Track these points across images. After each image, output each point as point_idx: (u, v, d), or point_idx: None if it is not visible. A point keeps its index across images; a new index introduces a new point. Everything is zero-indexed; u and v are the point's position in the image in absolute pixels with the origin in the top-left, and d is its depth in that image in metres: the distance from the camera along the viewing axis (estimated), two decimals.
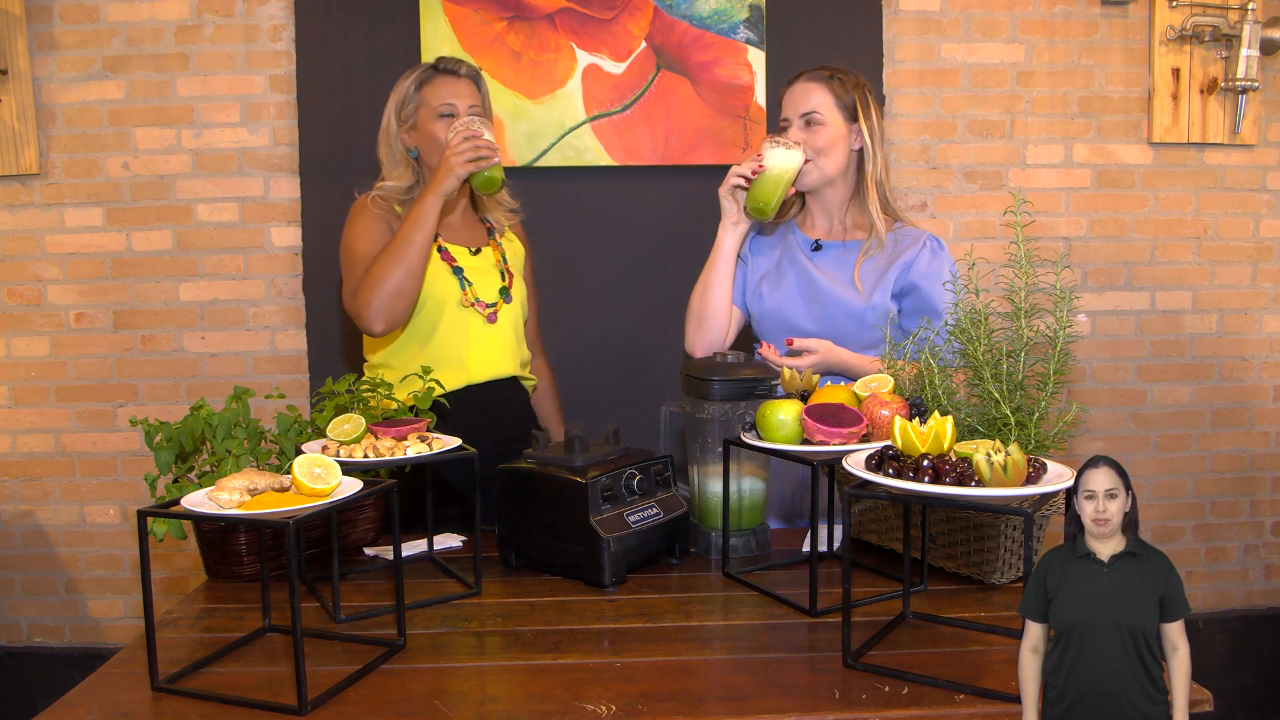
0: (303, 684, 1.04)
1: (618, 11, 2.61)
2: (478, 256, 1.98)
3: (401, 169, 1.96)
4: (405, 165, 1.96)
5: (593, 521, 1.42)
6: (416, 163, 1.97)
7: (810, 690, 1.08)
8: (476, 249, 1.99)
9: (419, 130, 1.93)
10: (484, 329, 1.94)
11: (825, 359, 1.74)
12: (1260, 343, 2.90)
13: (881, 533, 1.59)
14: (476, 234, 2.04)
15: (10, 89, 2.59)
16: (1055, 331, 1.34)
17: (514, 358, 2.01)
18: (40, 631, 2.79)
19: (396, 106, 1.95)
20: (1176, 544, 2.91)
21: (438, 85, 1.93)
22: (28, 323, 2.70)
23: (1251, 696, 2.93)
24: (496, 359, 1.97)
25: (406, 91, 1.94)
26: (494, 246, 2.03)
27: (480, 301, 1.94)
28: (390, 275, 1.78)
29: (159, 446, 1.48)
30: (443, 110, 1.91)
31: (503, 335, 1.97)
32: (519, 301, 2.02)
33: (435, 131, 1.90)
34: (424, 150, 1.94)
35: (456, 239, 1.98)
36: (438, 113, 1.91)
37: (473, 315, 1.93)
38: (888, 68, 2.73)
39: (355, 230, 1.91)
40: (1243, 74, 2.69)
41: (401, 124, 1.95)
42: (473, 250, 1.98)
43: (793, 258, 1.93)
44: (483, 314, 1.94)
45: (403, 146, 1.96)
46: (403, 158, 1.96)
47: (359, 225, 1.91)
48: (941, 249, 1.84)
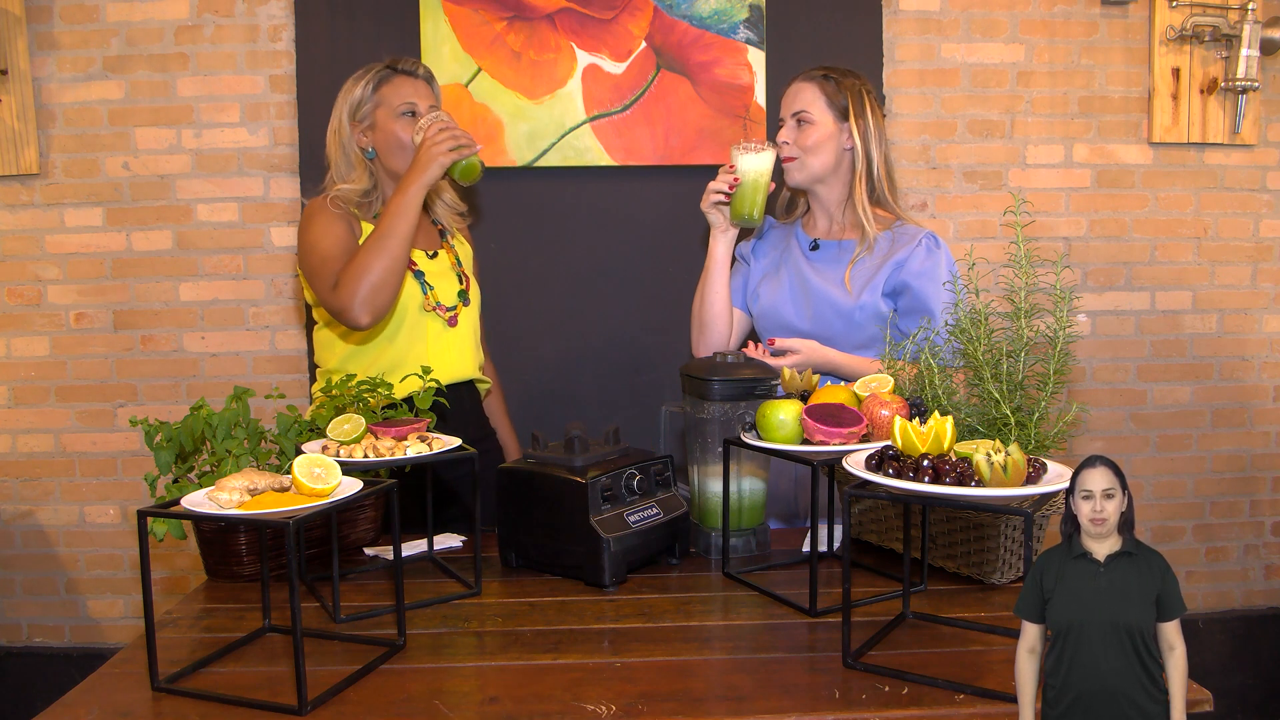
0: (303, 684, 1.04)
1: (618, 11, 2.61)
2: (435, 260, 1.97)
3: (358, 171, 1.92)
4: (361, 167, 1.92)
5: (593, 521, 1.42)
6: (372, 163, 1.93)
7: (810, 690, 1.08)
8: (433, 252, 1.98)
9: (378, 130, 1.90)
10: (444, 333, 1.93)
11: (809, 358, 1.74)
12: (1260, 343, 2.90)
13: (881, 533, 1.59)
14: (431, 237, 2.02)
15: (10, 89, 2.59)
16: (1055, 331, 1.34)
17: (473, 361, 2.00)
18: (40, 631, 2.79)
19: (351, 108, 1.91)
20: (1176, 544, 2.91)
21: (397, 85, 1.91)
22: (28, 323, 2.70)
23: (1251, 696, 2.93)
24: (456, 363, 1.95)
25: (363, 92, 1.90)
26: (447, 249, 2.02)
27: (441, 305, 1.92)
28: (373, 266, 1.74)
29: (159, 446, 1.48)
30: (403, 109, 1.88)
31: (462, 339, 1.96)
32: (475, 304, 2.02)
33: (398, 130, 1.88)
34: (384, 150, 1.90)
35: (414, 242, 1.94)
36: (399, 111, 1.88)
37: (433, 319, 1.92)
38: (888, 68, 2.73)
39: (317, 230, 1.85)
40: (1243, 74, 2.69)
41: (356, 124, 1.91)
42: (430, 254, 1.97)
43: (791, 258, 1.94)
44: (443, 318, 1.93)
45: (357, 148, 1.92)
46: (358, 159, 1.92)
47: (319, 224, 1.86)
48: (938, 247, 1.84)
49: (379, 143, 1.91)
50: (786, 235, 1.99)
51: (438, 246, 2.01)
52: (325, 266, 1.82)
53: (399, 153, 1.89)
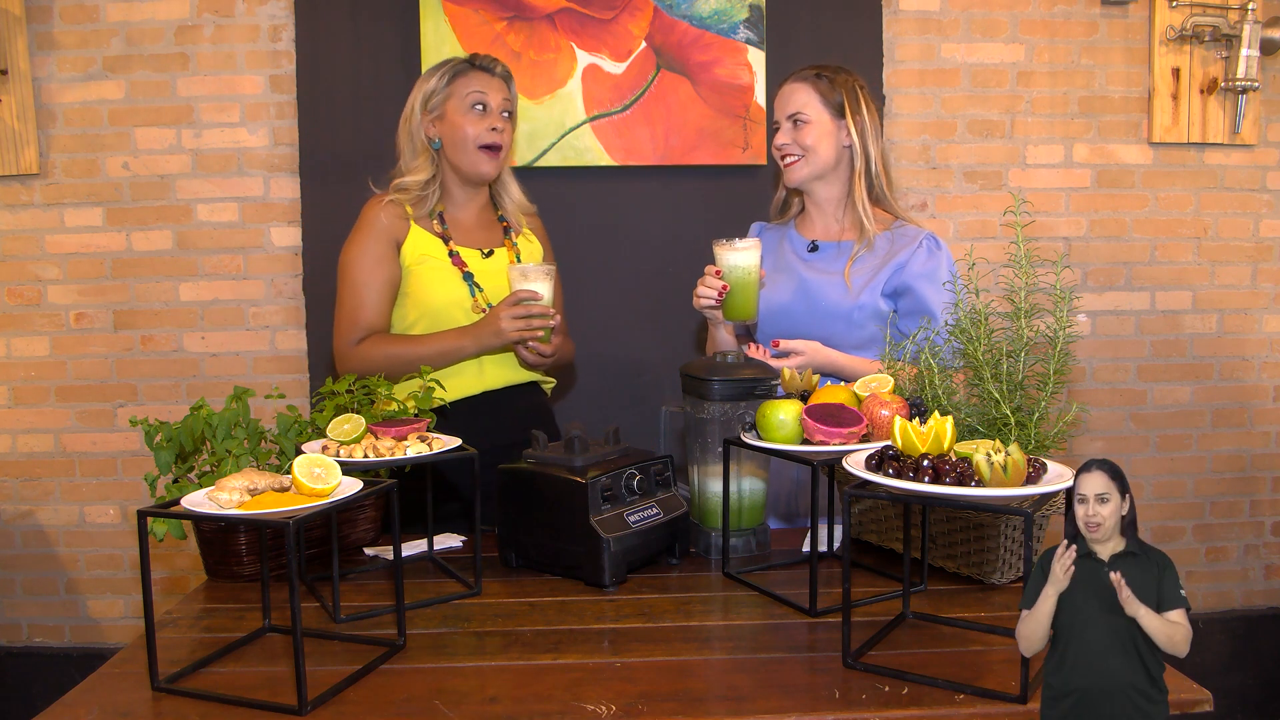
0: (303, 684, 1.04)
1: (618, 11, 2.61)
2: (490, 259, 1.97)
3: (421, 160, 1.94)
4: (425, 156, 1.94)
5: (593, 521, 1.42)
6: (437, 154, 1.95)
7: (810, 690, 1.08)
8: (489, 251, 1.98)
9: (446, 120, 1.92)
10: None
11: (812, 359, 1.74)
12: (1260, 343, 2.90)
13: (881, 533, 1.59)
14: (492, 234, 2.01)
15: (10, 89, 2.59)
16: (1055, 331, 1.34)
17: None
18: (40, 631, 2.79)
19: (424, 97, 1.93)
20: (1176, 544, 2.92)
21: (471, 79, 1.92)
22: (28, 323, 2.70)
23: (1251, 696, 2.93)
24: (512, 364, 1.95)
25: (437, 83, 1.93)
26: (509, 247, 2.01)
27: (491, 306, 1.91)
28: (385, 370, 1.79)
29: (159, 446, 1.48)
30: (473, 100, 1.90)
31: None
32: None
33: (464, 122, 1.90)
34: (448, 141, 1.92)
35: (469, 240, 1.97)
36: (469, 103, 1.90)
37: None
38: (888, 68, 2.73)
39: (355, 249, 1.90)
40: (1243, 74, 2.69)
41: (427, 114, 1.93)
42: (485, 253, 1.97)
43: (788, 260, 1.93)
44: None
45: (425, 136, 1.94)
46: (423, 147, 1.94)
47: (359, 243, 1.89)
48: (939, 248, 1.84)
49: (445, 133, 1.93)
50: (780, 238, 1.99)
51: (497, 245, 2.00)
52: (345, 297, 1.89)
53: (461, 145, 1.90)
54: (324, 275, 2.65)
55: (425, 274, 1.90)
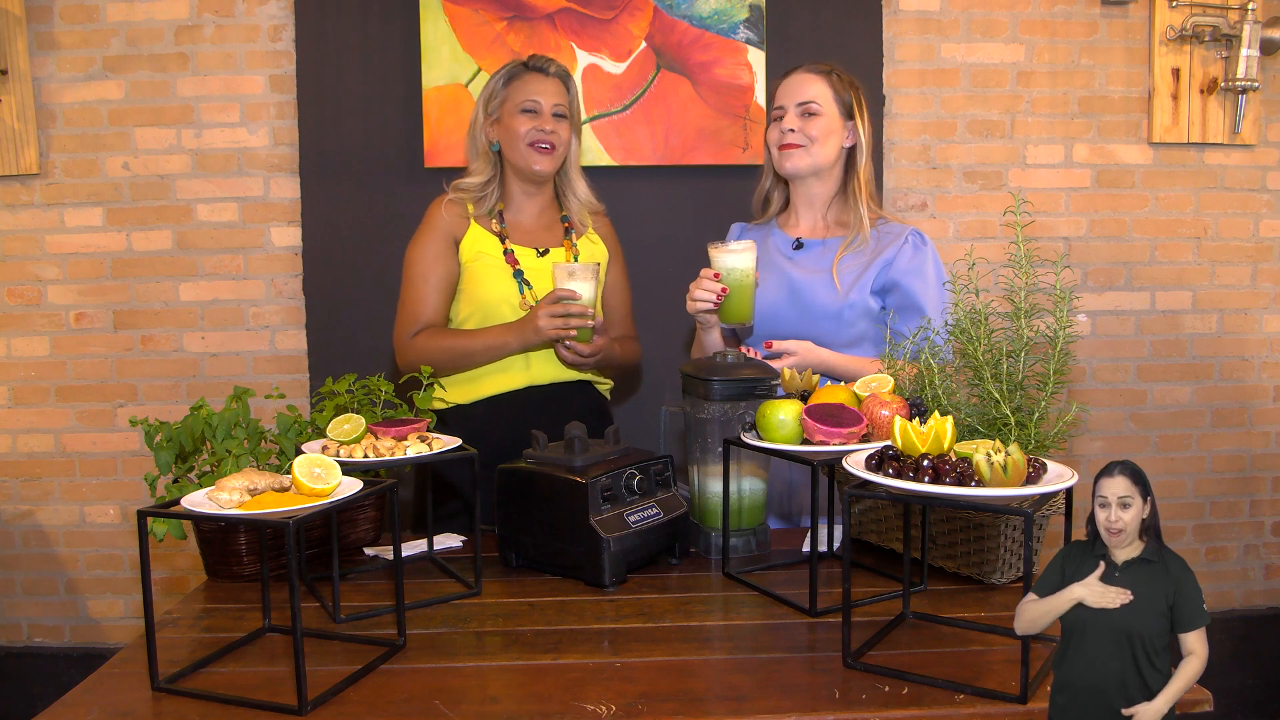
0: (303, 684, 1.04)
1: (618, 11, 2.61)
2: (544, 258, 1.98)
3: (481, 162, 1.99)
4: (485, 158, 1.99)
5: (593, 521, 1.42)
6: (497, 156, 1.99)
7: (810, 690, 1.08)
8: (544, 250, 1.99)
9: (501, 124, 1.96)
10: None
11: (804, 359, 1.74)
12: (1260, 343, 2.90)
13: (881, 533, 1.59)
14: (552, 233, 2.02)
15: (10, 89, 2.59)
16: (1055, 331, 1.34)
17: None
18: (40, 631, 2.79)
19: (484, 100, 1.99)
20: (1176, 544, 2.91)
21: (525, 81, 1.96)
22: (28, 323, 2.70)
23: (1251, 696, 2.93)
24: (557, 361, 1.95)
25: (495, 86, 1.98)
26: (568, 246, 2.01)
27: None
28: (437, 363, 1.87)
29: (159, 446, 1.48)
30: (525, 106, 1.93)
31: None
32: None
33: (516, 125, 1.93)
34: (505, 143, 1.97)
35: (526, 240, 1.98)
36: (520, 108, 1.93)
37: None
38: (888, 68, 2.73)
39: (417, 246, 1.96)
40: (1243, 74, 2.69)
41: (487, 117, 1.98)
42: (540, 251, 1.98)
43: (773, 259, 1.93)
44: None
45: (485, 140, 1.98)
46: (484, 150, 1.99)
47: (421, 240, 1.96)
48: (924, 244, 1.84)
49: (501, 136, 1.97)
50: (764, 236, 1.97)
51: (555, 244, 2.01)
52: (407, 292, 1.95)
53: (513, 145, 1.95)
54: (324, 275, 2.66)
55: (479, 270, 1.94)
